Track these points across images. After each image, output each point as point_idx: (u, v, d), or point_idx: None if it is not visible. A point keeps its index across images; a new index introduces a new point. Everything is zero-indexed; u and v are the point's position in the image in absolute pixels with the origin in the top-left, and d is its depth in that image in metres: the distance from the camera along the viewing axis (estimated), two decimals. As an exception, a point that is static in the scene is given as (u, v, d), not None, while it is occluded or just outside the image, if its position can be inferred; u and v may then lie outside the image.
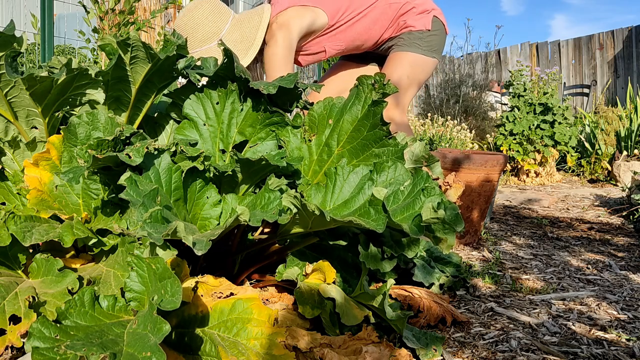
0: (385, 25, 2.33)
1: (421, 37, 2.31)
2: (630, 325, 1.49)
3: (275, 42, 2.11)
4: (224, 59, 1.40)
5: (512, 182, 4.87)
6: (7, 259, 1.25)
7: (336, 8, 2.24)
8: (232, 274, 1.37)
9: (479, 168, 2.33)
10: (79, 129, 1.30)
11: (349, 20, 2.28)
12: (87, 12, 3.08)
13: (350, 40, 2.34)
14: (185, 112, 1.41)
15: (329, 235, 1.31)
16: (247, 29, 2.16)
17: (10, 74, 1.22)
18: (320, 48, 2.35)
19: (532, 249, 2.38)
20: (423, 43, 2.31)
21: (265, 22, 2.15)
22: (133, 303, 1.03)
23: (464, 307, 1.60)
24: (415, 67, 2.32)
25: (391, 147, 1.33)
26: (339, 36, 2.31)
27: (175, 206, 1.21)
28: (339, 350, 1.09)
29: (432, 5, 2.38)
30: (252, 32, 2.15)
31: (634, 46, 8.87)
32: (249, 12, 2.25)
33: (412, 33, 2.31)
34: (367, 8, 2.29)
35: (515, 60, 9.67)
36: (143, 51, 1.29)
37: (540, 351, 1.31)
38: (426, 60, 2.34)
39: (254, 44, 2.14)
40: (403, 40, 2.33)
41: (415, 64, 2.32)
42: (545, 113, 4.75)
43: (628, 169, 4.67)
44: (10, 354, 1.12)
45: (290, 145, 1.41)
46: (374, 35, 2.35)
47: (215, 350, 1.03)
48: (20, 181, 1.35)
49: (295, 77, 1.39)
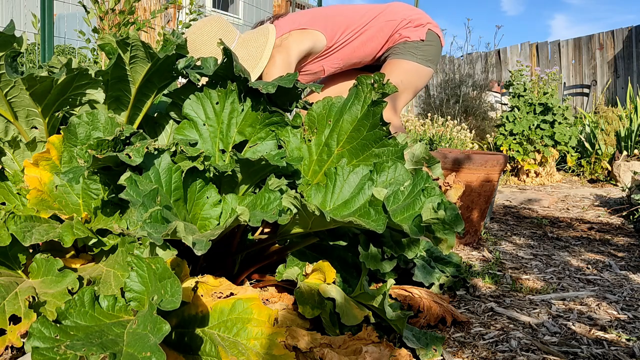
0: (381, 43, 2.39)
1: (416, 46, 2.36)
2: (630, 325, 1.49)
3: (274, 63, 2.18)
4: (223, 58, 1.40)
5: (512, 182, 4.87)
6: (7, 259, 1.25)
7: (335, 30, 2.31)
8: (232, 274, 1.37)
9: (479, 168, 2.33)
10: (79, 129, 1.30)
11: (346, 40, 2.35)
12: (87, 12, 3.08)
13: (347, 58, 2.41)
14: (185, 112, 1.41)
15: (329, 235, 1.31)
16: (253, 48, 2.21)
17: (10, 74, 1.22)
18: (319, 67, 2.42)
19: (532, 249, 2.38)
20: (418, 52, 2.36)
21: (271, 42, 2.21)
22: (133, 303, 1.03)
23: (464, 307, 1.60)
24: (409, 73, 2.37)
25: (391, 147, 1.33)
26: (337, 55, 2.39)
27: (175, 206, 1.21)
28: (339, 350, 1.09)
29: (428, 19, 2.43)
30: (259, 51, 2.20)
31: (634, 46, 8.88)
32: (254, 31, 2.31)
33: (407, 43, 2.36)
34: (364, 27, 2.35)
35: (515, 60, 9.67)
36: (142, 51, 1.28)
37: (540, 351, 1.31)
38: (421, 69, 2.39)
39: (260, 63, 2.20)
40: (399, 49, 2.38)
41: (410, 71, 2.37)
42: (545, 113, 4.75)
43: (628, 169, 4.67)
44: (10, 354, 1.12)
45: (290, 145, 1.41)
46: (370, 52, 2.43)
47: (215, 350, 1.03)
48: (20, 181, 1.35)
49: (294, 77, 1.39)
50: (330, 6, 2.48)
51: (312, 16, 2.33)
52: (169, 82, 1.43)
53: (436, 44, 2.42)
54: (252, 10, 10.34)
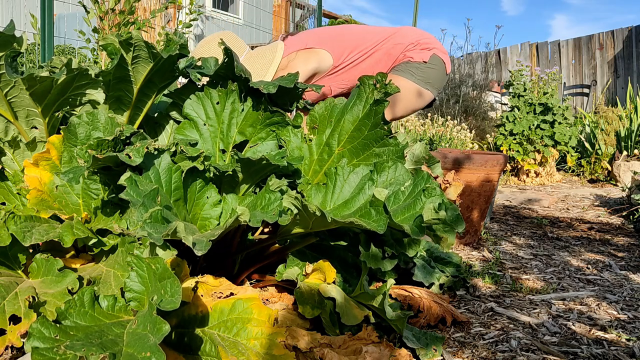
0: (388, 65, 2.38)
1: (417, 67, 2.34)
2: (630, 325, 1.49)
3: None
4: (224, 58, 1.40)
5: (512, 182, 4.87)
6: (7, 259, 1.25)
7: (342, 50, 2.31)
8: (232, 274, 1.37)
9: (479, 168, 2.33)
10: (79, 129, 1.30)
11: (353, 61, 2.34)
12: (87, 12, 3.08)
13: (353, 79, 2.39)
14: (185, 111, 1.41)
15: (329, 235, 1.31)
16: (258, 65, 2.22)
17: (10, 74, 1.22)
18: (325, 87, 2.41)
19: (532, 249, 2.38)
20: (418, 72, 2.34)
21: (277, 60, 2.22)
22: (133, 303, 1.03)
23: (464, 307, 1.60)
24: (405, 91, 2.33)
25: (392, 147, 1.33)
26: (344, 76, 2.38)
27: (175, 206, 1.21)
28: (339, 350, 1.09)
29: (436, 44, 2.41)
30: (264, 68, 2.21)
31: (634, 46, 8.87)
32: (263, 48, 2.31)
33: (409, 63, 2.35)
34: (372, 49, 2.34)
35: (515, 60, 9.67)
36: (145, 51, 1.29)
37: (540, 351, 1.31)
38: (418, 89, 2.36)
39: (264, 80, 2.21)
40: (400, 67, 2.37)
41: (407, 88, 2.34)
42: (545, 113, 4.75)
43: (628, 169, 4.67)
44: (10, 354, 1.12)
45: (290, 145, 1.41)
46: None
47: (215, 350, 1.02)
48: (20, 181, 1.35)
49: (295, 77, 1.39)
50: (342, 25, 2.48)
51: (320, 36, 2.34)
52: (170, 82, 1.43)
53: (439, 69, 2.39)
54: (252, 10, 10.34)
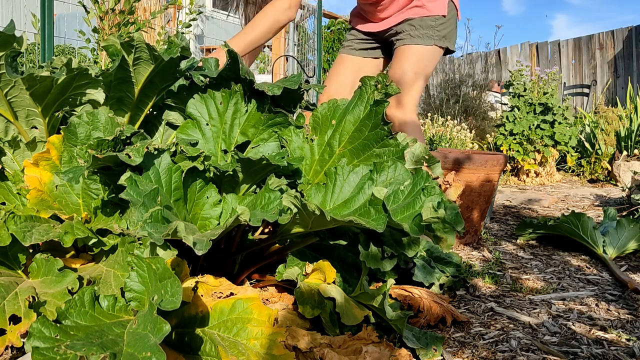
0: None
1: (433, 25, 2.19)
2: (630, 325, 1.49)
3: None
4: (227, 60, 1.40)
5: (512, 182, 4.87)
6: (7, 258, 1.25)
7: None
8: (232, 274, 1.37)
9: (479, 168, 2.33)
10: (79, 129, 1.30)
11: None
12: (87, 12, 3.08)
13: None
14: (188, 111, 1.41)
15: (329, 235, 1.31)
16: None
17: (10, 74, 1.22)
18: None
19: (532, 248, 2.38)
20: (434, 32, 2.19)
21: None
22: (133, 303, 1.03)
23: (464, 307, 1.60)
24: (423, 60, 2.20)
25: (392, 147, 1.33)
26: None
27: (176, 206, 1.21)
28: (339, 350, 1.09)
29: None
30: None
31: (634, 46, 8.87)
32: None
33: (423, 20, 2.19)
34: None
35: (515, 60, 9.67)
36: (147, 52, 1.29)
37: (540, 351, 1.31)
38: (435, 50, 2.22)
39: None
40: (414, 29, 2.20)
41: (424, 57, 2.20)
42: (545, 113, 4.75)
43: (628, 169, 4.67)
44: (10, 354, 1.12)
45: (292, 145, 1.41)
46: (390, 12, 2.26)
47: (215, 350, 1.02)
48: (20, 181, 1.35)
49: (299, 78, 1.39)
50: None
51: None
52: (171, 84, 1.43)
53: (454, 19, 2.26)
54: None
